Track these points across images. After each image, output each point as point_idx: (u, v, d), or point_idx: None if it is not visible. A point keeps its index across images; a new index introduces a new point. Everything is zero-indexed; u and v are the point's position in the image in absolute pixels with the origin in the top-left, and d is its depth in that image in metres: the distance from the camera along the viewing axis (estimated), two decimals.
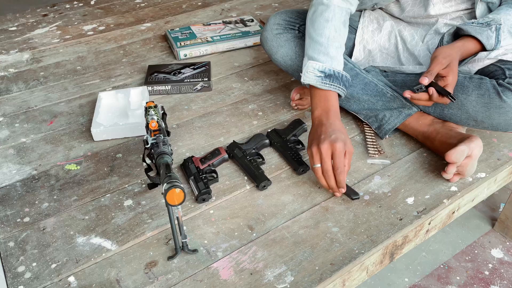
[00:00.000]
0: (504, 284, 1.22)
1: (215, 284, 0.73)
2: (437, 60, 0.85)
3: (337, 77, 0.93)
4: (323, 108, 0.92)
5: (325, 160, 0.84)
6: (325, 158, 0.84)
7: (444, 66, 0.85)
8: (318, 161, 0.85)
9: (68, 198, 0.91)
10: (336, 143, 0.84)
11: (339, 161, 0.84)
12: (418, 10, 1.03)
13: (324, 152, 0.84)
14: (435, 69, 0.85)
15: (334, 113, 0.91)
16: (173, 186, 0.64)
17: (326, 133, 0.86)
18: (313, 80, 0.93)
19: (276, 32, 1.10)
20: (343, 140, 0.85)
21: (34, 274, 0.76)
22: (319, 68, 0.93)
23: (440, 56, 0.85)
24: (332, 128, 0.87)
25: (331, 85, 0.92)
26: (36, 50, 1.51)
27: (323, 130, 0.87)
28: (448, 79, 0.86)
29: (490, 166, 0.94)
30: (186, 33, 1.49)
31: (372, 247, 0.78)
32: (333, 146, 0.84)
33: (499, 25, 0.88)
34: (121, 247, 0.80)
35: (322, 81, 0.92)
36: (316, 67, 0.93)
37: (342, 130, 0.88)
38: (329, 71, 0.93)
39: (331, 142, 0.84)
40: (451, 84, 0.86)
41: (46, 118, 1.17)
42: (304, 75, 0.94)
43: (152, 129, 0.81)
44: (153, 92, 1.24)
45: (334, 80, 0.93)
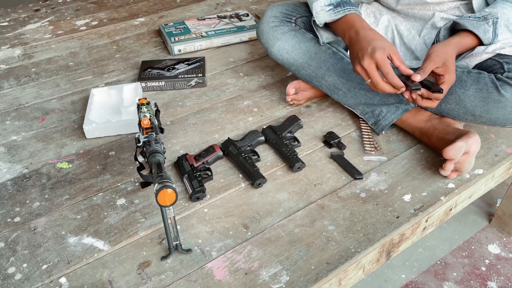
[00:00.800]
0: (501, 279, 1.22)
1: (209, 284, 0.72)
2: (431, 58, 0.84)
3: (346, 2, 0.94)
4: (349, 30, 0.91)
5: (372, 74, 0.85)
6: (371, 72, 0.85)
7: (438, 65, 0.84)
8: (367, 77, 0.86)
9: (60, 197, 0.90)
10: (375, 53, 0.83)
11: (386, 68, 0.83)
12: None
13: (368, 68, 0.84)
14: (428, 67, 0.84)
15: (362, 27, 0.90)
16: (165, 186, 0.63)
17: (362, 49, 0.86)
18: (327, 16, 0.94)
19: (272, 24, 1.08)
20: (381, 46, 0.84)
21: (25, 275, 0.75)
22: (324, 3, 0.94)
23: (434, 54, 0.84)
24: (366, 40, 0.86)
25: (344, 9, 0.93)
26: (27, 46, 1.49)
27: (358, 47, 0.87)
28: (444, 78, 0.85)
29: (487, 163, 0.93)
30: (180, 28, 1.46)
31: (369, 245, 0.77)
32: (373, 58, 0.84)
33: (496, 19, 0.87)
34: (114, 247, 0.79)
35: (334, 12, 0.93)
36: (321, 4, 0.94)
37: (376, 36, 0.87)
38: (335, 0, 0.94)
39: (370, 56, 0.84)
40: (448, 83, 0.85)
41: (37, 115, 1.15)
42: (316, 17, 0.96)
43: (144, 127, 0.80)
44: (147, 88, 1.22)
45: (345, 4, 0.93)
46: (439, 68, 0.85)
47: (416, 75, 0.84)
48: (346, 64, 1.02)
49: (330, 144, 0.99)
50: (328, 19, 0.94)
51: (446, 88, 0.86)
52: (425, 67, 0.84)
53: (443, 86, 0.85)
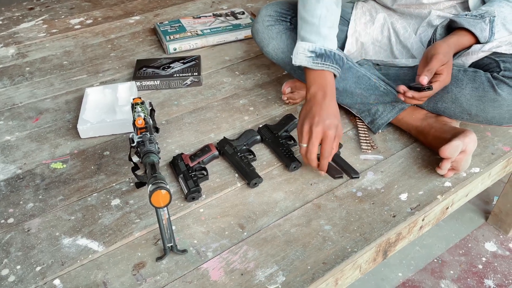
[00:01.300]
0: (497, 277, 1.22)
1: (205, 285, 0.72)
2: (439, 57, 0.83)
3: (329, 55, 0.90)
4: (318, 85, 0.89)
5: (313, 143, 0.84)
6: (314, 141, 0.84)
7: (443, 63, 0.84)
8: (306, 142, 0.85)
9: (54, 198, 0.89)
10: (329, 130, 0.83)
11: (328, 148, 0.84)
12: None
13: (315, 136, 0.84)
14: (435, 66, 0.83)
15: (330, 93, 0.88)
16: (159, 187, 0.62)
17: (320, 116, 0.85)
18: (304, 61, 0.91)
19: (267, 24, 1.07)
20: (336, 126, 0.85)
21: (18, 278, 0.74)
22: (309, 48, 0.91)
23: (441, 54, 0.84)
24: (327, 111, 0.85)
25: (323, 64, 0.90)
26: (21, 45, 1.47)
27: (317, 111, 0.86)
28: (441, 77, 0.84)
29: (484, 161, 0.93)
30: (176, 27, 1.45)
31: (365, 245, 0.77)
32: (325, 133, 0.84)
33: (493, 17, 0.86)
34: (108, 248, 0.78)
35: (313, 61, 0.90)
36: (306, 47, 0.91)
37: (336, 114, 0.87)
38: (320, 50, 0.90)
39: (324, 128, 0.84)
40: (442, 82, 0.85)
41: (31, 115, 1.14)
42: (295, 57, 0.92)
43: (138, 127, 0.79)
44: (142, 87, 1.21)
45: (326, 59, 0.90)
46: (441, 67, 0.84)
47: (423, 77, 0.83)
48: None
49: None
50: (304, 65, 0.91)
51: (438, 87, 0.86)
52: (433, 66, 0.83)
53: (436, 84, 0.85)
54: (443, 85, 0.86)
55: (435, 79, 0.85)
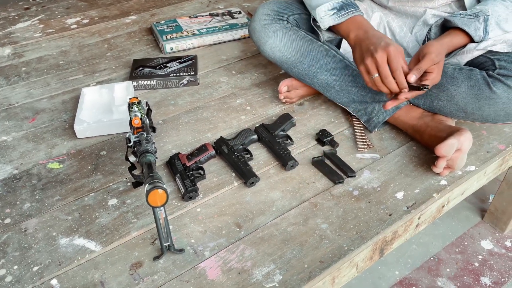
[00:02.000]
0: (493, 275, 1.23)
1: (202, 284, 0.72)
2: (430, 57, 0.84)
3: (349, 3, 0.93)
4: (355, 29, 0.91)
5: (383, 67, 0.84)
6: (382, 64, 0.84)
7: (435, 63, 0.84)
8: (375, 71, 0.85)
9: (51, 198, 0.89)
10: (389, 47, 0.83)
11: (397, 63, 0.83)
12: None
13: (380, 60, 0.83)
14: (426, 65, 0.84)
15: (370, 27, 0.90)
16: (155, 187, 0.62)
17: (374, 43, 0.85)
18: (332, 20, 0.93)
19: (264, 22, 1.08)
20: (393, 43, 0.84)
21: (16, 278, 0.74)
22: (328, 7, 0.93)
23: (434, 54, 0.84)
24: (377, 36, 0.86)
25: (349, 12, 0.92)
26: (17, 45, 1.47)
27: (369, 42, 0.86)
28: (431, 75, 0.85)
29: (479, 159, 0.94)
30: (172, 26, 1.45)
31: (362, 243, 0.77)
32: (387, 51, 0.83)
33: (487, 16, 0.87)
34: (106, 248, 0.78)
35: (338, 16, 0.92)
36: (325, 8, 0.93)
37: (386, 37, 0.87)
38: (338, 3, 0.93)
39: (384, 48, 0.83)
40: (432, 82, 0.86)
41: (28, 115, 1.14)
42: (321, 22, 0.94)
43: (135, 127, 0.79)
44: (138, 87, 1.21)
45: (348, 7, 0.92)
46: (431, 66, 0.84)
47: (411, 75, 0.84)
48: (338, 61, 1.02)
49: (323, 142, 0.99)
50: (333, 23, 0.93)
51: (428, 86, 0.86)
52: (422, 65, 0.84)
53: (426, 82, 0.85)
54: (433, 84, 0.87)
55: (425, 77, 0.86)
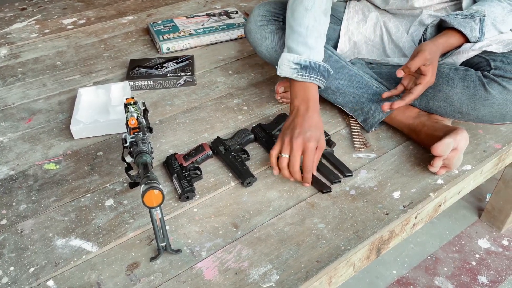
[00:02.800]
0: (491, 274, 1.23)
1: (199, 284, 0.72)
2: (423, 55, 0.84)
3: (314, 68, 0.90)
4: (302, 98, 0.90)
5: (294, 155, 0.84)
6: (295, 153, 0.84)
7: (427, 62, 0.84)
8: (287, 153, 0.85)
9: (47, 198, 0.88)
10: (310, 142, 0.84)
11: (309, 160, 0.84)
12: (401, 3, 1.01)
13: (296, 148, 0.84)
14: (417, 63, 0.84)
15: (313, 105, 0.89)
16: (151, 187, 0.62)
17: (302, 128, 0.85)
18: (289, 73, 0.91)
19: (260, 23, 1.07)
20: (317, 138, 0.85)
21: (12, 279, 0.74)
22: (293, 60, 0.91)
23: (427, 52, 0.84)
24: (309, 123, 0.86)
25: (308, 76, 0.90)
26: (14, 46, 1.47)
27: (299, 123, 0.86)
28: (426, 78, 0.85)
29: (476, 158, 0.94)
30: (169, 26, 1.45)
31: (359, 243, 0.77)
32: (305, 145, 0.84)
33: (483, 16, 0.87)
34: (102, 248, 0.78)
35: (298, 73, 0.90)
36: (291, 59, 0.91)
37: (319, 125, 0.87)
38: (305, 62, 0.90)
39: (304, 140, 0.84)
40: (426, 85, 0.86)
41: (24, 116, 1.13)
42: (280, 68, 0.92)
43: (131, 127, 0.79)
44: (135, 87, 1.21)
45: (311, 72, 0.90)
46: (425, 67, 0.84)
47: (400, 71, 0.84)
48: (334, 62, 1.02)
49: None
50: (288, 76, 0.91)
51: (422, 89, 0.87)
52: (414, 63, 0.84)
53: (419, 86, 0.86)
54: (427, 87, 0.87)
55: (419, 81, 0.86)
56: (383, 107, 0.91)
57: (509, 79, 0.86)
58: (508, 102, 0.87)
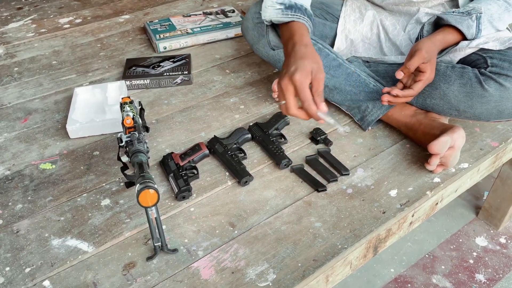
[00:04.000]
0: (488, 272, 1.23)
1: (196, 284, 0.72)
2: (421, 54, 0.84)
3: (300, 8, 0.84)
4: (288, 40, 0.82)
5: (287, 97, 0.76)
6: (287, 95, 0.76)
7: (425, 61, 0.84)
8: (282, 98, 0.78)
9: (43, 198, 0.88)
10: (295, 75, 0.74)
11: (303, 95, 0.75)
12: None
13: (284, 88, 0.76)
14: (415, 63, 0.84)
15: (299, 39, 0.80)
16: (146, 186, 0.62)
17: (288, 66, 0.77)
18: (274, 13, 0.84)
19: (257, 21, 1.07)
20: (304, 68, 0.75)
21: (7, 279, 0.73)
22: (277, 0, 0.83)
23: (424, 50, 0.84)
24: (295, 57, 0.77)
25: (293, 15, 0.83)
26: (10, 45, 1.46)
27: (285, 63, 0.79)
28: (425, 75, 0.85)
29: (473, 156, 0.94)
30: (166, 25, 1.45)
31: (355, 241, 0.77)
32: (292, 80, 0.75)
33: (480, 14, 0.87)
34: (98, 248, 0.78)
35: (282, 13, 0.83)
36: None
37: (307, 56, 0.77)
38: (289, 2, 0.83)
39: (289, 76, 0.75)
40: (426, 81, 0.86)
41: (20, 116, 1.13)
42: (263, 11, 0.85)
43: (127, 126, 0.79)
44: (132, 86, 1.20)
45: (297, 11, 0.83)
46: (423, 64, 0.84)
47: (399, 72, 0.84)
48: (332, 60, 1.02)
49: (317, 140, 0.99)
50: (274, 18, 0.85)
51: (422, 86, 0.86)
52: (412, 63, 0.84)
53: (419, 83, 0.86)
54: (426, 84, 0.87)
55: (418, 78, 0.86)
56: (383, 97, 0.89)
57: (506, 76, 0.86)
58: (505, 99, 0.87)
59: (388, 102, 0.90)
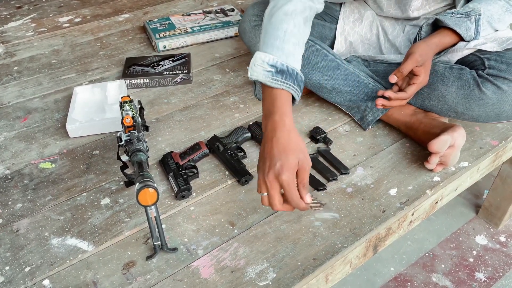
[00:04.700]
0: (488, 270, 1.23)
1: (195, 283, 0.72)
2: (414, 57, 0.83)
3: (291, 74, 0.76)
4: (268, 111, 0.75)
5: (271, 194, 0.70)
6: (271, 192, 0.70)
7: (419, 64, 0.84)
8: (265, 190, 0.71)
9: (43, 198, 0.88)
10: (282, 175, 0.68)
11: (290, 195, 0.69)
12: (395, 12, 1.01)
13: (270, 187, 0.70)
14: (409, 66, 0.84)
15: (280, 120, 0.72)
16: (146, 185, 0.62)
17: (271, 159, 0.70)
18: (262, 75, 0.75)
19: (254, 23, 1.07)
20: (290, 165, 0.69)
21: (7, 278, 0.73)
22: (269, 61, 0.75)
23: (417, 54, 0.84)
24: (278, 148, 0.70)
25: (283, 82, 0.75)
26: (9, 44, 1.46)
27: (267, 150, 0.71)
28: (419, 79, 0.85)
29: (472, 155, 0.94)
30: (165, 24, 1.45)
31: (355, 240, 0.77)
32: (279, 179, 0.69)
33: (479, 15, 0.86)
34: (98, 247, 0.78)
35: (272, 77, 0.75)
36: (266, 59, 0.75)
37: (291, 147, 0.70)
38: (282, 66, 0.75)
39: (275, 175, 0.69)
40: (420, 85, 0.86)
41: (19, 115, 1.13)
42: (251, 69, 0.76)
43: (126, 125, 0.78)
44: (131, 85, 1.20)
45: (288, 78, 0.76)
46: (417, 68, 0.84)
47: (393, 76, 0.83)
48: (330, 61, 1.01)
49: (317, 139, 0.98)
50: (262, 80, 0.75)
51: (415, 89, 0.87)
52: (405, 67, 0.84)
53: (412, 86, 0.86)
54: (420, 87, 0.87)
55: (412, 81, 0.86)
56: (377, 101, 0.89)
57: (503, 78, 0.86)
58: (503, 102, 0.86)
59: (382, 105, 0.90)
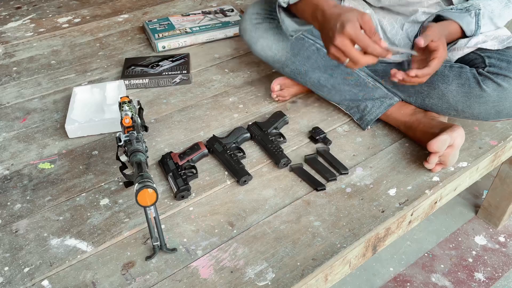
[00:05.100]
0: (487, 270, 1.23)
1: (195, 283, 0.72)
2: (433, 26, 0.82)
3: None
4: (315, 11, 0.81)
5: (349, 52, 0.75)
6: (347, 50, 0.75)
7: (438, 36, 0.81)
8: (344, 57, 0.77)
9: (42, 198, 0.88)
10: (345, 28, 0.74)
11: (362, 42, 0.74)
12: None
13: (342, 46, 0.75)
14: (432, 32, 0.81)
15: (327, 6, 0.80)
16: (145, 186, 0.62)
17: (331, 28, 0.76)
18: None
19: (255, 22, 1.07)
20: (350, 18, 0.74)
21: (6, 279, 0.73)
22: None
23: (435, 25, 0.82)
24: (333, 17, 0.77)
25: None
26: (8, 45, 1.46)
27: (327, 28, 0.78)
28: (438, 53, 0.81)
29: (472, 155, 0.94)
30: (164, 24, 1.45)
31: (354, 240, 0.77)
32: (345, 34, 0.74)
33: (478, 10, 0.86)
34: (97, 248, 0.78)
35: None
36: None
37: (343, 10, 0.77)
38: None
39: (339, 33, 0.75)
40: (440, 58, 0.82)
41: (19, 115, 1.13)
42: None
43: (125, 126, 0.78)
44: (130, 86, 1.20)
45: None
46: (434, 43, 0.81)
47: (420, 39, 0.79)
48: (330, 60, 1.01)
49: (316, 139, 0.99)
50: None
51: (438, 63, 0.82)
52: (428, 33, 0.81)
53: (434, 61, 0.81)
54: (442, 61, 0.83)
55: (433, 56, 0.81)
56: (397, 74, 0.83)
57: (504, 76, 0.86)
58: (503, 99, 0.87)
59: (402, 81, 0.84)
